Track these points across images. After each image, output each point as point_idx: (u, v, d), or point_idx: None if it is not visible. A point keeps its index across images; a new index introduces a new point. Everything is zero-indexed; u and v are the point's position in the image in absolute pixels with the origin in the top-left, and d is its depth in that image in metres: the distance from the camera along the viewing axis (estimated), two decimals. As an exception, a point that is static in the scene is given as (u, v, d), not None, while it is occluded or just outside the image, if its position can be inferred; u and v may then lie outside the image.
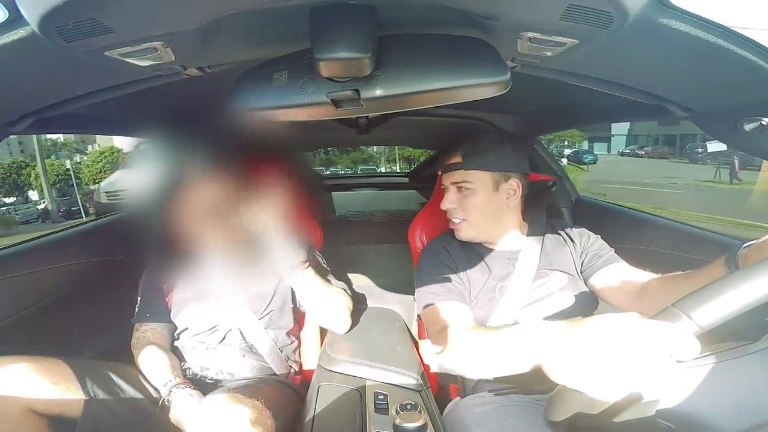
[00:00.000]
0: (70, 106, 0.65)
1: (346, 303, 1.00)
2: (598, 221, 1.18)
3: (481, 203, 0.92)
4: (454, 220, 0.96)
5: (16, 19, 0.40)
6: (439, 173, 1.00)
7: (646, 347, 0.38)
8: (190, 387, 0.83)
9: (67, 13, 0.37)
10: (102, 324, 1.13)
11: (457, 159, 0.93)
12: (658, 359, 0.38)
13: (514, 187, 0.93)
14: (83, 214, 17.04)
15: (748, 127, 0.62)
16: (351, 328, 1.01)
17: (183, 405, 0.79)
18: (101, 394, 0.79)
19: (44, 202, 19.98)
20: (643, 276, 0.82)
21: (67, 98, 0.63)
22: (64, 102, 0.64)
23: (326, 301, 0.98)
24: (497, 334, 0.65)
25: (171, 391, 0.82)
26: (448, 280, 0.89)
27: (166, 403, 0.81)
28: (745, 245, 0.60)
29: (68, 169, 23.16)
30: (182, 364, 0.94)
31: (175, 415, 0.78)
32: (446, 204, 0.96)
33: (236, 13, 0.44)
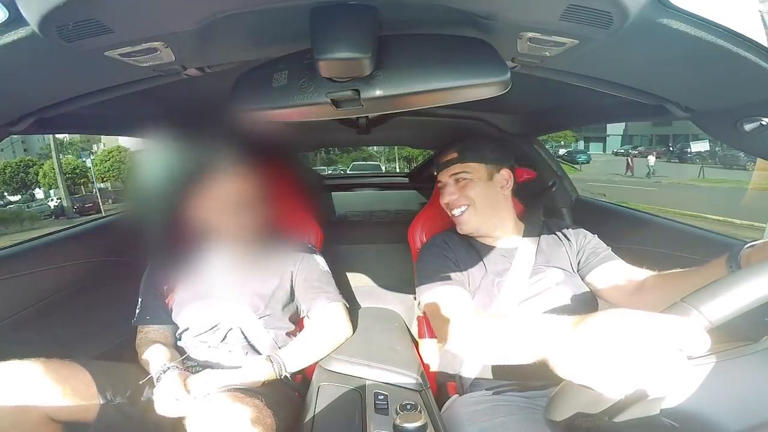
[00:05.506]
0: (70, 106, 0.65)
1: (344, 316, 1.01)
2: (597, 221, 1.18)
3: (481, 191, 0.96)
4: (455, 212, 0.98)
5: (16, 19, 0.40)
6: (436, 173, 1.03)
7: (655, 341, 0.37)
8: (180, 369, 0.82)
9: (67, 13, 0.37)
10: (102, 324, 1.12)
11: (453, 155, 0.99)
12: (668, 353, 0.37)
13: (506, 176, 0.99)
14: (101, 211, 16.36)
15: (748, 127, 0.62)
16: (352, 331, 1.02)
17: (167, 383, 0.78)
18: (118, 398, 0.79)
19: (54, 200, 19.85)
20: (640, 273, 0.82)
21: (67, 98, 0.63)
22: (64, 102, 0.64)
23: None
24: (504, 321, 0.65)
25: (163, 372, 0.81)
26: (450, 270, 0.91)
27: (154, 382, 0.80)
28: (747, 245, 0.60)
29: (75, 167, 23.78)
30: (185, 362, 0.94)
31: (157, 392, 0.77)
32: (446, 197, 0.98)
33: (236, 13, 0.44)
